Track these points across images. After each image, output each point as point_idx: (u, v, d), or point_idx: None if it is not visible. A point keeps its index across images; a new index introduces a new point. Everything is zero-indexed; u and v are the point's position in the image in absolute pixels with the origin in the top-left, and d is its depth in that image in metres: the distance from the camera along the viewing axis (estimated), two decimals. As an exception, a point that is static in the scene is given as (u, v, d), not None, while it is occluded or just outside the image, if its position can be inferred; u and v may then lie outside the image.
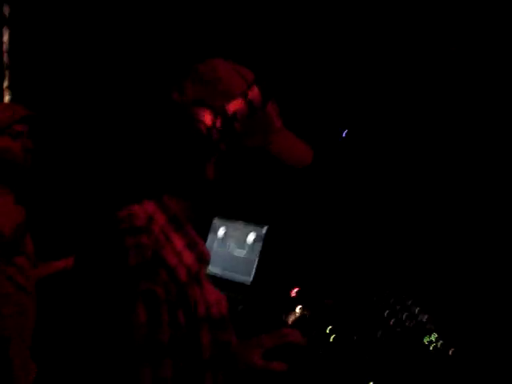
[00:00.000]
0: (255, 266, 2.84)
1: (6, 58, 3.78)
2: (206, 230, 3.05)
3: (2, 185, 2.21)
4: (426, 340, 1.94)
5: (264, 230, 2.93)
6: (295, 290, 2.52)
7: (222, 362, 1.21)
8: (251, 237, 2.95)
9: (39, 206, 3.23)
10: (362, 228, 2.72)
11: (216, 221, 3.10)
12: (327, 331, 2.09)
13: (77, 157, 3.60)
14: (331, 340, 2.05)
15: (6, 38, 3.75)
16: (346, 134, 2.94)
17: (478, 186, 2.42)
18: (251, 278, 2.82)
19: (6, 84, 3.78)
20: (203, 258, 1.26)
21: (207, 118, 1.15)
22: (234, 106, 1.16)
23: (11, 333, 2.08)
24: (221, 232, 3.07)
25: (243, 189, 1.39)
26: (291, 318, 2.24)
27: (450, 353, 1.88)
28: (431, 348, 1.90)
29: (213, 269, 2.88)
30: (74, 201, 3.43)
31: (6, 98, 3.76)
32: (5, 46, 3.77)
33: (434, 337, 1.93)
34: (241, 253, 2.94)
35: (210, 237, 3.06)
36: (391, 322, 2.05)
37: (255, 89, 1.19)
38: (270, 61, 2.80)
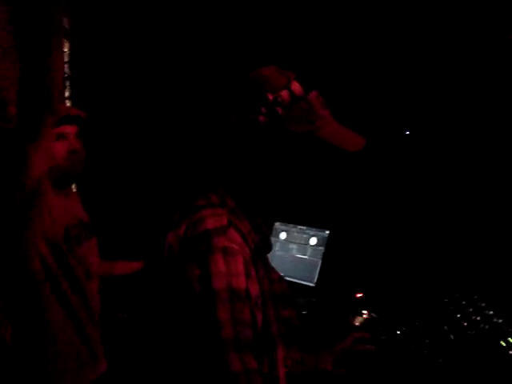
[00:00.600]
0: (318, 269, 2.82)
1: (67, 68, 3.87)
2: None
3: (55, 186, 2.19)
4: (503, 343, 1.86)
5: (326, 234, 2.91)
6: (360, 294, 2.48)
7: (286, 337, 1.34)
8: (313, 240, 2.93)
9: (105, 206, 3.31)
10: (429, 230, 2.66)
11: (277, 225, 3.09)
12: (397, 334, 2.04)
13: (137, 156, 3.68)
14: (401, 343, 2.00)
15: (66, 49, 3.84)
16: (408, 134, 2.89)
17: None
18: (315, 281, 2.80)
19: (67, 94, 3.87)
20: (267, 242, 1.44)
21: (256, 107, 1.36)
22: (276, 95, 1.36)
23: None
24: (282, 236, 3.06)
25: (304, 193, 1.45)
26: (358, 321, 2.20)
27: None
28: (510, 352, 1.83)
29: (276, 272, 2.87)
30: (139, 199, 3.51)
31: (68, 108, 3.84)
32: (66, 57, 3.86)
33: (511, 340, 1.86)
34: (303, 256, 2.92)
35: (272, 241, 3.04)
36: (464, 325, 1.98)
37: (296, 82, 1.38)
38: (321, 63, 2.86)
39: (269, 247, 1.45)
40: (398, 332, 2.03)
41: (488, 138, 2.54)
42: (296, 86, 1.37)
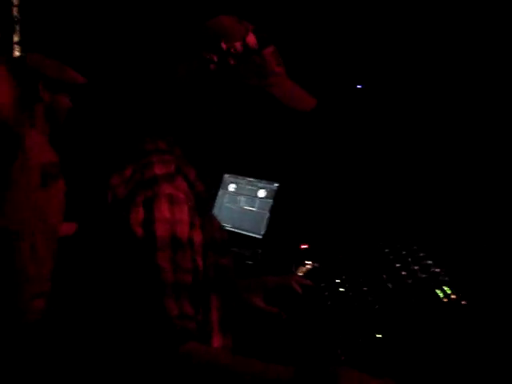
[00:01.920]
0: (266, 221, 2.83)
1: (16, 12, 3.74)
2: (216, 185, 3.04)
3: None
4: (438, 292, 1.90)
5: (275, 187, 2.91)
6: (305, 245, 2.50)
7: (222, 285, 1.35)
8: (262, 193, 2.93)
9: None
10: (374, 182, 2.68)
11: (227, 177, 3.08)
12: (336, 282, 2.07)
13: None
14: (340, 291, 2.03)
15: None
16: (360, 88, 2.89)
17: (493, 144, 2.37)
18: (262, 233, 2.81)
19: (16, 39, 3.75)
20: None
21: (208, 55, 1.36)
22: (230, 45, 1.35)
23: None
24: (231, 188, 3.05)
25: (254, 145, 1.46)
26: (302, 270, 2.22)
27: (463, 304, 1.84)
28: (444, 300, 1.87)
29: (224, 224, 2.86)
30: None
31: (16, 54, 3.73)
32: (15, 1, 3.73)
33: (447, 289, 1.90)
34: (251, 208, 2.92)
35: (221, 192, 3.05)
36: (402, 274, 2.01)
37: (252, 35, 1.37)
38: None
39: (211, 196, 1.49)
40: (338, 280, 2.06)
41: (436, 92, 2.56)
42: (251, 39, 1.36)
